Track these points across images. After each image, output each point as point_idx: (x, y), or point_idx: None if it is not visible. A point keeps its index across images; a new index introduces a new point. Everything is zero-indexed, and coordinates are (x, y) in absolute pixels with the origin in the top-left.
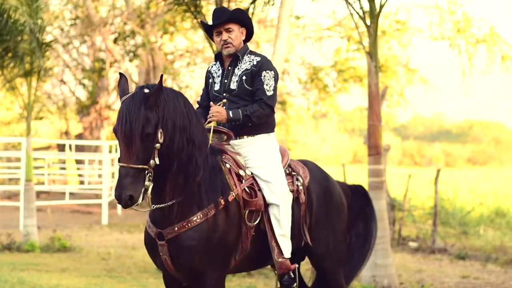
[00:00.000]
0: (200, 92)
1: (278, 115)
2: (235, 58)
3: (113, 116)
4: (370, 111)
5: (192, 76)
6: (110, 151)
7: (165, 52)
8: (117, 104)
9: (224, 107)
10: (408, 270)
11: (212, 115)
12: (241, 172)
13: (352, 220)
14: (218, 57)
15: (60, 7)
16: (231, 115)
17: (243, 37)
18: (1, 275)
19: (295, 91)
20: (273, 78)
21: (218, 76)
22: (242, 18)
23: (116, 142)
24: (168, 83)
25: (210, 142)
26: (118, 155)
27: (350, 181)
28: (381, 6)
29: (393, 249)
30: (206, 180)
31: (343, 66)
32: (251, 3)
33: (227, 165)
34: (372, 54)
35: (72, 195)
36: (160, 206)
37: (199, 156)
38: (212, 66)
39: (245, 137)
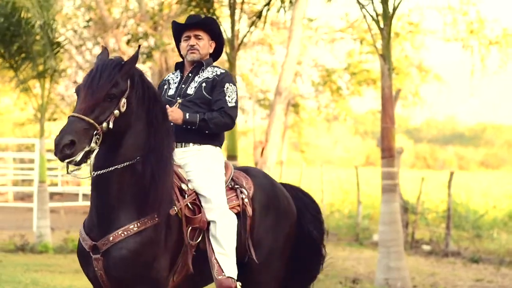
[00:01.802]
0: None
1: (290, 118)
2: (198, 66)
3: None
4: (383, 114)
5: None
6: None
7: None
8: None
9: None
10: (421, 273)
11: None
12: (184, 186)
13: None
14: (179, 66)
15: (73, 9)
16: (187, 117)
17: (211, 50)
18: (15, 276)
19: (307, 93)
20: (235, 93)
21: (175, 83)
22: (213, 29)
23: None
24: None
25: None
26: None
27: (363, 184)
28: (395, 9)
29: (406, 252)
30: (152, 189)
31: (356, 68)
32: (265, 5)
33: None
34: (385, 56)
35: (85, 196)
36: (103, 171)
37: (156, 142)
38: (170, 75)
39: (190, 145)
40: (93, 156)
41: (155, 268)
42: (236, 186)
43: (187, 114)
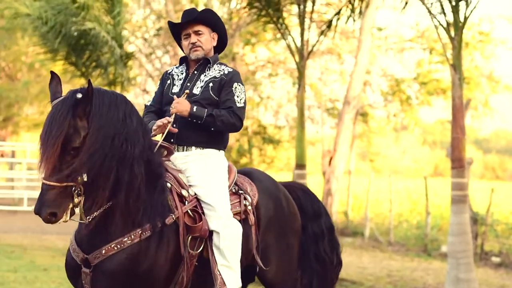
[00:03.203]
0: (284, 103)
1: (359, 127)
2: (205, 63)
3: None
4: (454, 124)
5: (273, 87)
6: None
7: (246, 62)
8: None
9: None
10: (491, 286)
11: (173, 107)
12: (184, 192)
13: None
14: (184, 60)
15: (143, 17)
16: (194, 110)
17: (214, 43)
18: None
19: (376, 103)
20: (244, 92)
21: (180, 79)
22: (212, 20)
23: None
24: (249, 93)
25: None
26: None
27: (432, 194)
28: (466, 18)
29: (475, 263)
30: (145, 198)
31: (426, 78)
32: (335, 14)
33: (168, 184)
34: (456, 66)
35: None
36: (96, 213)
37: (137, 165)
38: (173, 69)
39: (193, 148)
40: (81, 204)
41: (150, 281)
42: (241, 192)
43: (195, 107)
